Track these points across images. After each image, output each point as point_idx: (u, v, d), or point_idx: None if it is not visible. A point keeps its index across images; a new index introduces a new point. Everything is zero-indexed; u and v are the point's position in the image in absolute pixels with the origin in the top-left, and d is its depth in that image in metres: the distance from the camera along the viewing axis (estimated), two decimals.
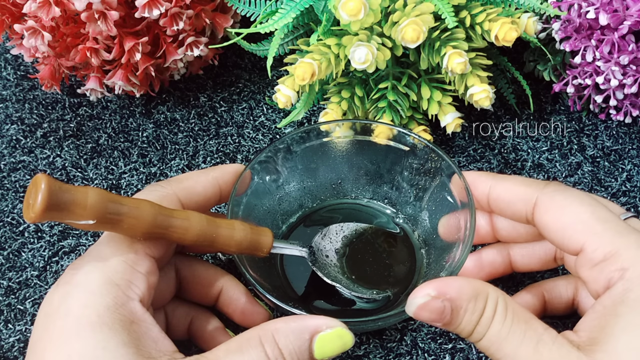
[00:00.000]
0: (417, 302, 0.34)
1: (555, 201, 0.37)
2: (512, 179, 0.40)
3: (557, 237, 0.37)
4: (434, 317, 0.34)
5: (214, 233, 0.38)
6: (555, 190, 0.38)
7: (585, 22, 0.50)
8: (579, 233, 0.36)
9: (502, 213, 0.41)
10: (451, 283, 0.34)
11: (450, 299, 0.34)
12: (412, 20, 0.45)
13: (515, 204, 0.39)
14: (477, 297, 0.34)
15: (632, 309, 0.32)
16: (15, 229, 0.53)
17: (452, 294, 0.34)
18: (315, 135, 0.48)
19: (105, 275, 0.35)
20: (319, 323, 0.35)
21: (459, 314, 0.34)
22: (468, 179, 0.42)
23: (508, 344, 0.33)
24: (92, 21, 0.50)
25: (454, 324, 0.34)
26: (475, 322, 0.34)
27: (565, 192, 0.37)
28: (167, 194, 0.40)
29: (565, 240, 0.36)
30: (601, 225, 0.35)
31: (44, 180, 0.32)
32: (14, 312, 0.48)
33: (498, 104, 0.59)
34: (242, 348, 0.34)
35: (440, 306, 0.34)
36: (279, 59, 0.55)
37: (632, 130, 0.58)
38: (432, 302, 0.34)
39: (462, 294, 0.34)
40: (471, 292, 0.34)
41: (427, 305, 0.34)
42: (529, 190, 0.38)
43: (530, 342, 0.33)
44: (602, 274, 0.34)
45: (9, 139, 0.59)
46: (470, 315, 0.34)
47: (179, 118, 0.60)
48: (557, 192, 0.37)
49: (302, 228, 0.49)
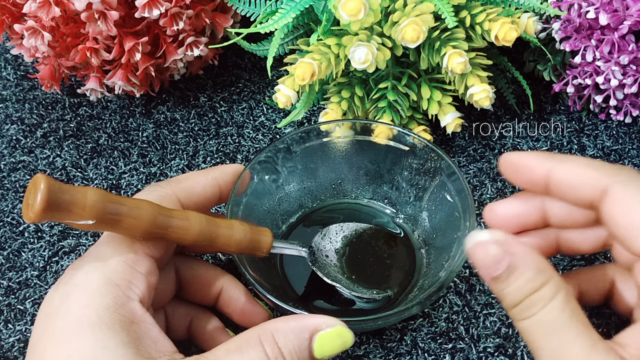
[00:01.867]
0: (480, 237, 0.32)
1: (628, 194, 0.33)
2: (576, 160, 0.35)
3: (624, 233, 0.33)
4: (487, 261, 0.32)
5: (214, 233, 0.38)
6: (631, 179, 0.33)
7: (585, 22, 0.50)
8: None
9: (563, 197, 0.36)
10: (522, 244, 0.32)
11: (513, 253, 0.31)
12: (412, 20, 0.45)
13: (581, 188, 0.35)
14: (540, 271, 0.32)
15: None
16: (15, 229, 0.53)
17: (517, 251, 0.32)
18: (315, 135, 0.48)
19: (105, 275, 0.35)
20: (319, 322, 0.35)
21: (514, 274, 0.32)
22: (522, 160, 0.37)
23: (559, 337, 0.31)
24: (92, 21, 0.50)
25: (502, 284, 0.32)
26: (526, 294, 0.32)
27: None
28: (167, 194, 0.40)
29: (631, 240, 0.33)
30: None
31: (43, 181, 0.32)
32: (14, 312, 0.48)
33: (498, 104, 0.59)
34: (241, 348, 0.34)
35: (499, 254, 0.32)
36: (279, 59, 0.55)
37: (632, 130, 0.58)
38: (493, 246, 0.32)
39: (526, 257, 0.32)
40: (536, 263, 0.32)
41: (486, 246, 0.32)
42: (600, 175, 0.34)
43: (584, 345, 0.31)
44: None
45: (9, 139, 0.59)
46: (524, 282, 0.31)
47: (179, 118, 0.60)
48: (633, 183, 0.33)
49: (302, 228, 0.49)
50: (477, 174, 0.55)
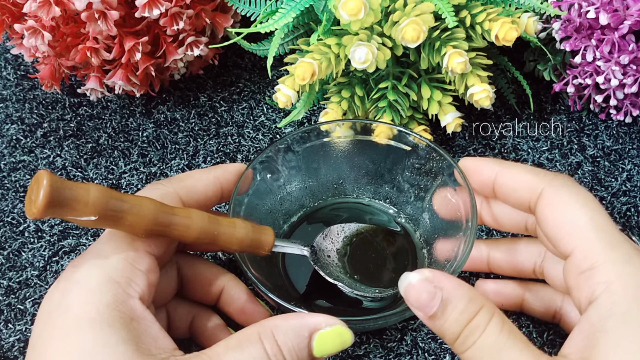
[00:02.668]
0: (411, 278, 0.34)
1: (559, 196, 0.36)
2: (519, 166, 0.39)
3: (551, 233, 0.36)
4: (421, 301, 0.33)
5: (216, 231, 0.38)
6: (563, 185, 0.37)
7: (585, 21, 0.50)
8: (572, 236, 0.35)
9: (505, 200, 0.40)
10: (449, 277, 0.34)
11: (443, 288, 0.33)
12: (412, 20, 0.45)
13: (520, 191, 0.38)
14: (472, 300, 0.33)
15: (621, 323, 0.31)
16: (15, 228, 0.53)
17: (447, 285, 0.33)
18: (315, 135, 0.48)
19: (106, 272, 0.35)
20: (318, 321, 0.35)
21: (447, 308, 0.33)
22: (474, 164, 0.41)
23: (503, 358, 0.32)
24: (92, 21, 0.50)
25: (439, 320, 0.33)
26: (464, 324, 0.33)
27: (572, 190, 0.36)
28: (169, 192, 0.40)
29: (558, 240, 0.36)
30: (596, 233, 0.34)
31: (46, 177, 0.32)
32: (14, 312, 0.48)
33: (498, 104, 0.59)
34: (241, 345, 0.34)
35: (431, 290, 0.33)
36: (279, 58, 0.55)
37: (632, 130, 0.58)
38: (425, 284, 0.33)
39: (457, 289, 0.33)
40: (467, 293, 0.33)
41: (419, 285, 0.33)
42: (537, 179, 0.37)
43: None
44: (587, 283, 0.33)
45: (9, 138, 0.59)
46: (459, 314, 0.33)
47: (179, 118, 0.60)
48: (564, 188, 0.36)
49: (304, 228, 0.49)
50: None
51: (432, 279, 0.33)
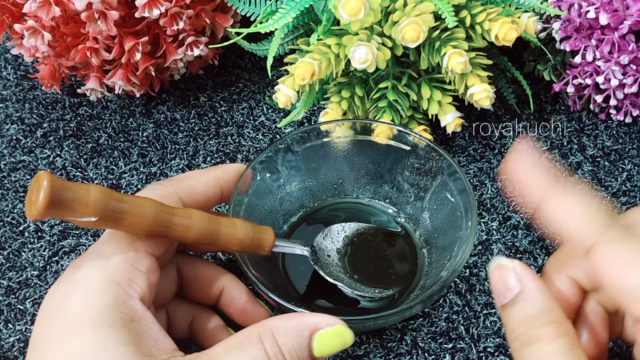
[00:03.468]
0: (501, 261, 0.33)
1: (614, 255, 0.31)
2: (571, 196, 0.33)
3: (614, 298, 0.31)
4: (500, 286, 0.32)
5: (216, 231, 0.38)
6: (618, 238, 0.31)
7: (585, 21, 0.50)
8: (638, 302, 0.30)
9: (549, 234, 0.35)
10: (538, 281, 0.32)
11: (524, 285, 0.32)
12: (412, 20, 0.45)
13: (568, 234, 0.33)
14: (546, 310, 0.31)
15: None
16: (15, 228, 0.53)
17: (529, 285, 0.32)
18: (315, 135, 0.48)
19: (106, 273, 0.35)
20: (319, 321, 0.35)
21: (518, 304, 0.32)
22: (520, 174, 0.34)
23: None
24: (92, 21, 0.50)
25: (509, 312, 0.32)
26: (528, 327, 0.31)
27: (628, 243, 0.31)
28: (169, 192, 0.40)
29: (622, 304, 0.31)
30: None
31: (47, 178, 0.32)
32: (14, 312, 0.48)
33: (498, 104, 0.59)
34: (241, 345, 0.34)
35: (511, 281, 0.32)
36: (279, 58, 0.55)
37: (632, 130, 0.58)
38: (510, 274, 0.32)
39: (535, 293, 0.32)
40: (544, 302, 0.32)
41: (504, 271, 0.32)
42: (590, 228, 0.32)
43: None
44: None
45: (9, 138, 0.59)
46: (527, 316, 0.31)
47: (179, 118, 0.60)
48: (619, 242, 0.31)
49: (304, 228, 0.49)
50: (477, 174, 0.55)
51: (519, 272, 0.32)
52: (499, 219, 0.52)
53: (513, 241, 0.50)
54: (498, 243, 0.50)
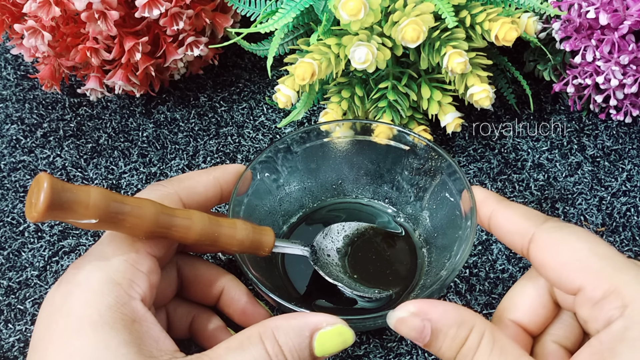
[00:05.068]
0: (398, 315, 0.34)
1: (552, 238, 0.35)
2: (515, 208, 0.38)
3: (554, 276, 0.35)
4: (413, 334, 0.33)
5: (216, 232, 0.38)
6: (554, 227, 0.35)
7: (585, 21, 0.50)
8: (577, 272, 0.33)
9: (501, 240, 0.39)
10: (436, 306, 0.33)
11: (430, 319, 0.33)
12: (412, 20, 0.45)
13: (512, 235, 0.37)
14: (461, 324, 0.33)
15: (632, 349, 0.31)
16: (15, 228, 0.53)
17: (434, 316, 0.33)
18: (315, 135, 0.48)
19: (107, 274, 0.35)
20: (319, 320, 0.35)
21: (439, 337, 0.33)
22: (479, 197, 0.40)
23: None
24: (92, 21, 0.50)
25: (433, 347, 0.34)
26: (456, 349, 0.33)
27: (564, 229, 0.35)
28: (169, 193, 0.40)
29: (562, 280, 0.34)
30: (599, 261, 0.33)
31: (47, 180, 0.32)
32: (14, 312, 0.48)
33: (498, 104, 0.59)
34: (242, 345, 0.34)
35: (419, 325, 0.33)
36: (279, 58, 0.55)
37: (632, 130, 0.58)
38: (412, 319, 0.33)
39: (444, 318, 0.33)
40: (454, 318, 0.33)
41: (406, 321, 0.33)
42: (527, 224, 0.36)
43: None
44: (602, 312, 0.32)
45: (9, 138, 0.59)
46: (450, 341, 0.33)
47: (179, 118, 0.60)
48: (555, 229, 0.35)
49: (303, 228, 0.49)
50: (477, 174, 0.55)
51: (417, 312, 0.33)
52: None
53: None
54: (498, 243, 0.50)
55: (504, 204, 0.39)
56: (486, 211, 0.39)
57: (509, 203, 0.39)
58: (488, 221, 0.39)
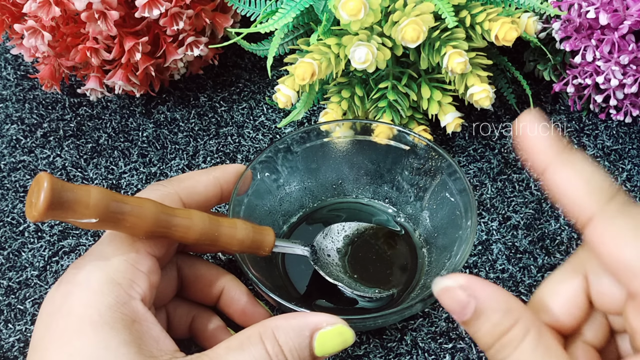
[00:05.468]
0: (445, 283, 0.31)
1: (614, 228, 0.30)
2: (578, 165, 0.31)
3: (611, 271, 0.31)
4: (454, 306, 0.31)
5: (216, 232, 0.38)
6: (618, 212, 0.30)
7: (585, 21, 0.50)
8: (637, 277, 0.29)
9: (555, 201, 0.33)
10: (486, 286, 0.31)
11: (477, 297, 0.31)
12: (412, 20, 0.45)
13: (570, 203, 0.31)
14: (507, 312, 0.31)
15: None
16: (15, 228, 0.53)
17: (482, 295, 0.31)
18: (315, 135, 0.48)
19: (107, 274, 0.35)
20: (320, 320, 0.35)
21: (480, 318, 0.31)
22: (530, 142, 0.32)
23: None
24: (92, 21, 0.50)
25: (472, 327, 0.32)
26: (496, 337, 0.31)
27: (628, 217, 0.30)
28: (169, 193, 0.40)
29: (620, 278, 0.30)
30: None
31: (47, 179, 0.32)
32: (14, 312, 0.48)
33: (498, 104, 0.59)
34: (242, 345, 0.34)
35: (464, 299, 0.31)
36: (279, 58, 0.55)
37: (632, 130, 0.58)
38: (458, 291, 0.31)
39: (491, 300, 0.31)
40: (502, 304, 0.31)
41: (452, 291, 0.31)
42: (589, 199, 0.30)
43: None
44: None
45: (9, 138, 0.59)
46: (491, 327, 0.31)
47: (179, 118, 0.60)
48: (619, 215, 0.30)
49: (303, 228, 0.49)
50: (477, 174, 0.55)
51: (466, 286, 0.31)
52: (499, 219, 0.52)
53: (513, 241, 0.50)
54: (498, 243, 0.50)
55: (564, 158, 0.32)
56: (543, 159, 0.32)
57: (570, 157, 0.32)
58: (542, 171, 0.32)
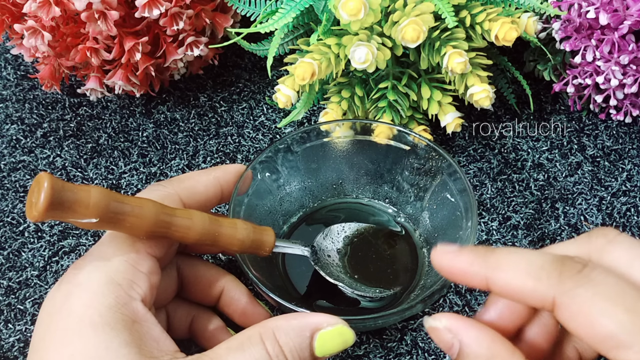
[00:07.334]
0: (431, 323, 0.31)
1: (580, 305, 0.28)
2: (510, 266, 0.30)
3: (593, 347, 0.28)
4: (442, 346, 0.31)
5: (217, 232, 0.38)
6: (576, 285, 0.29)
7: (585, 21, 0.50)
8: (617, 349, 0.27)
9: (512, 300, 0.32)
10: (470, 327, 0.30)
11: (461, 340, 0.30)
12: (412, 20, 0.45)
13: (527, 299, 0.30)
14: (491, 358, 0.30)
15: None
16: (15, 228, 0.53)
17: (465, 339, 0.30)
18: (315, 135, 0.48)
19: (107, 275, 0.35)
20: (320, 320, 0.35)
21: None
22: (455, 265, 0.32)
23: None
24: (92, 21, 0.50)
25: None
26: None
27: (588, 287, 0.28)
28: (169, 193, 0.40)
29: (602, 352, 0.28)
30: None
31: (47, 179, 0.32)
32: (14, 312, 0.48)
33: (498, 104, 0.59)
34: (243, 346, 0.34)
35: (449, 340, 0.31)
36: (279, 58, 0.55)
37: (632, 130, 0.58)
38: (444, 333, 0.31)
39: (474, 345, 0.30)
40: (485, 350, 0.30)
41: (438, 332, 0.31)
42: (542, 287, 0.29)
43: None
44: None
45: (9, 139, 0.59)
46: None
47: (179, 118, 0.60)
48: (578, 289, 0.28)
49: (304, 228, 0.49)
50: (477, 174, 0.55)
51: (449, 328, 0.31)
52: (499, 219, 0.52)
53: (513, 241, 0.50)
54: (498, 243, 0.50)
55: (494, 264, 0.31)
56: (479, 279, 0.31)
57: (499, 260, 0.31)
58: (485, 285, 0.31)
